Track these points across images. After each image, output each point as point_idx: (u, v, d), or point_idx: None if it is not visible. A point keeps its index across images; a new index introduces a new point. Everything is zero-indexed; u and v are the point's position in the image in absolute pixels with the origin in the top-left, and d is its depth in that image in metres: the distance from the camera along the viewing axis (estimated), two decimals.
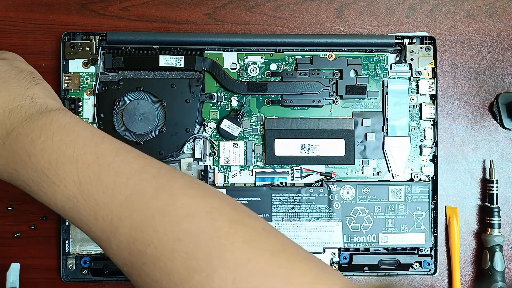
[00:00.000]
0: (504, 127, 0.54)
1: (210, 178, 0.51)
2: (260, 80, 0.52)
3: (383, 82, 0.52)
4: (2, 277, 0.46)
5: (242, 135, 0.52)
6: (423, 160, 0.52)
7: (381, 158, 0.52)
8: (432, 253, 0.51)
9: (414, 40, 0.52)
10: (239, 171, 0.52)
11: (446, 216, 0.53)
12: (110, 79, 0.50)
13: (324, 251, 0.50)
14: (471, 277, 0.54)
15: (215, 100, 0.51)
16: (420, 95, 0.52)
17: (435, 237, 0.52)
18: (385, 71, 0.52)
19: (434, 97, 0.52)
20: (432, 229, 0.51)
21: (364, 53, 0.52)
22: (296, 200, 0.50)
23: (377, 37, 0.52)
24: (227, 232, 0.27)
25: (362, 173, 0.52)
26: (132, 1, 0.53)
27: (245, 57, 0.52)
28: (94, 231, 0.29)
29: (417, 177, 0.52)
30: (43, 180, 0.29)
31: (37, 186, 0.30)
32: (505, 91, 0.55)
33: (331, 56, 0.52)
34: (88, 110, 0.51)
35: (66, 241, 0.50)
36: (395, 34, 0.52)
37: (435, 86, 0.52)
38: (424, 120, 0.52)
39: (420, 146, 0.52)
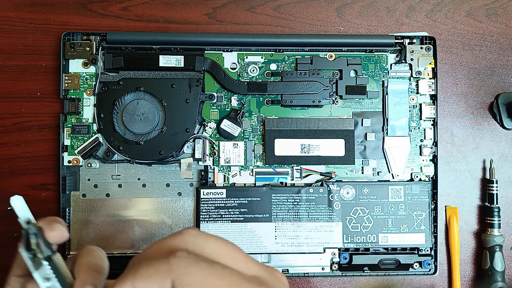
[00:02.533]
0: (504, 127, 0.54)
1: (210, 178, 0.51)
2: (260, 80, 0.52)
3: (383, 82, 0.52)
4: (1, 278, 0.45)
5: (242, 135, 0.52)
6: (423, 160, 0.52)
7: (381, 158, 0.52)
8: (432, 253, 0.51)
9: (414, 40, 0.52)
10: (239, 171, 0.52)
11: (446, 216, 0.53)
12: (110, 79, 0.50)
13: (324, 251, 0.50)
14: (471, 277, 0.54)
15: (215, 100, 0.51)
16: (420, 95, 0.52)
17: (435, 237, 0.52)
18: (385, 71, 0.52)
19: (434, 97, 0.52)
20: (432, 229, 0.51)
21: (364, 53, 0.52)
22: (296, 200, 0.50)
23: (377, 37, 0.52)
24: None
25: (362, 173, 0.52)
26: (132, 1, 0.53)
27: (245, 57, 0.52)
28: None
29: (417, 177, 0.52)
30: None
31: None
32: (505, 91, 0.55)
33: (331, 56, 0.52)
34: (88, 110, 0.51)
35: (66, 241, 0.50)
36: (395, 34, 0.52)
37: (435, 86, 0.52)
38: (424, 120, 0.52)
39: (420, 146, 0.52)
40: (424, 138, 0.52)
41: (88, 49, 0.50)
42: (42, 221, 0.28)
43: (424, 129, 0.52)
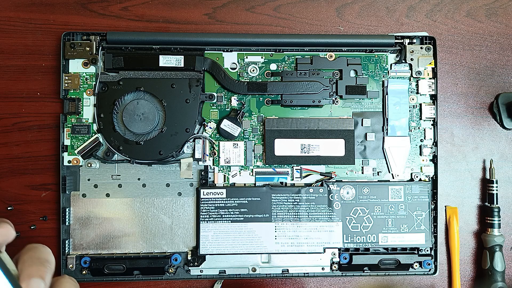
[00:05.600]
0: (504, 127, 0.54)
1: (210, 178, 0.51)
2: (260, 80, 0.52)
3: (383, 82, 0.52)
4: None
5: (242, 135, 0.52)
6: (423, 160, 0.52)
7: (381, 158, 0.52)
8: (432, 253, 0.51)
9: (414, 40, 0.52)
10: (239, 171, 0.52)
11: (446, 216, 0.53)
12: (110, 79, 0.50)
13: (324, 251, 0.50)
14: (471, 277, 0.54)
15: (215, 100, 0.51)
16: (420, 95, 0.52)
17: (435, 237, 0.52)
18: (385, 71, 0.52)
19: (434, 97, 0.52)
20: (432, 229, 0.51)
21: (364, 53, 0.52)
22: (296, 200, 0.50)
23: (377, 37, 0.52)
24: None
25: (362, 173, 0.52)
26: (132, 1, 0.53)
27: (245, 57, 0.52)
28: None
29: (417, 177, 0.52)
30: None
31: None
32: (505, 91, 0.55)
33: (331, 56, 0.52)
34: (88, 110, 0.51)
35: (66, 241, 0.50)
36: (395, 34, 0.52)
37: (435, 86, 0.52)
38: (424, 120, 0.52)
39: (420, 146, 0.52)
40: (424, 138, 0.52)
41: (88, 49, 0.50)
42: None
43: (424, 129, 0.52)
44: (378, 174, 0.52)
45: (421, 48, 0.52)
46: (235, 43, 0.51)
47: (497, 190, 0.53)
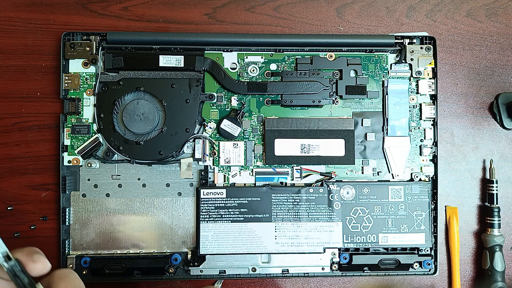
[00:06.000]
0: (504, 127, 0.54)
1: (210, 178, 0.51)
2: (260, 80, 0.52)
3: (383, 82, 0.52)
4: None
5: (242, 135, 0.52)
6: (423, 160, 0.52)
7: (381, 158, 0.52)
8: (432, 253, 0.51)
9: (414, 40, 0.52)
10: (239, 171, 0.52)
11: (446, 216, 0.53)
12: (110, 79, 0.50)
13: (324, 251, 0.50)
14: (471, 277, 0.54)
15: (215, 100, 0.51)
16: (420, 95, 0.52)
17: (435, 237, 0.52)
18: (385, 71, 0.52)
19: (434, 97, 0.52)
20: (432, 229, 0.51)
21: (364, 53, 0.52)
22: (296, 200, 0.50)
23: (377, 37, 0.52)
24: None
25: (362, 173, 0.52)
26: (132, 1, 0.53)
27: (245, 57, 0.52)
28: None
29: (417, 177, 0.52)
30: None
31: None
32: (505, 91, 0.55)
33: (331, 56, 0.52)
34: (88, 110, 0.51)
35: (66, 241, 0.50)
36: (395, 34, 0.52)
37: (435, 86, 0.52)
38: (424, 120, 0.52)
39: (420, 146, 0.52)
40: (424, 138, 0.52)
41: (88, 49, 0.50)
42: (20, 253, 0.27)
43: (424, 129, 0.52)
44: (378, 174, 0.52)
45: (421, 48, 0.52)
46: (235, 43, 0.51)
47: (497, 190, 0.53)
